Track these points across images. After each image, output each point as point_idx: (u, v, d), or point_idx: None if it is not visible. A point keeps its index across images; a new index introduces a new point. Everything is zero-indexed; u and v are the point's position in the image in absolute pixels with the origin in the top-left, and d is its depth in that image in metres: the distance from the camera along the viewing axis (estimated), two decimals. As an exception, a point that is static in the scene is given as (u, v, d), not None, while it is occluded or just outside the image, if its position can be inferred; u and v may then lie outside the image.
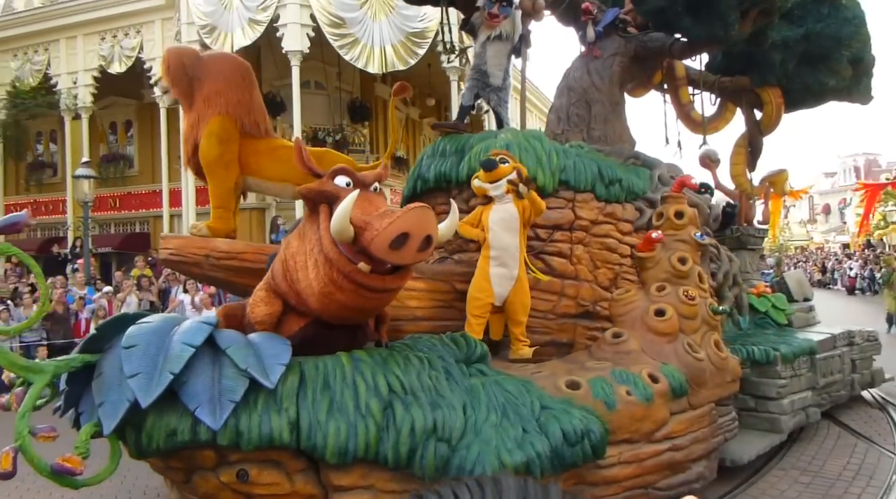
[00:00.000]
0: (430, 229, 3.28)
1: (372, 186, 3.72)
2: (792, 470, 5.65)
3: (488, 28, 6.19)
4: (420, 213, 3.25)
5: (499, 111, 6.53)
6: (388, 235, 3.18)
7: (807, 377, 6.59)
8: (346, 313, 3.68)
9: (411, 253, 3.29)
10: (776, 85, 8.80)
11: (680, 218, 5.17)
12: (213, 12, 16.25)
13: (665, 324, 4.74)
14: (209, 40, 16.28)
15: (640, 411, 4.21)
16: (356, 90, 19.37)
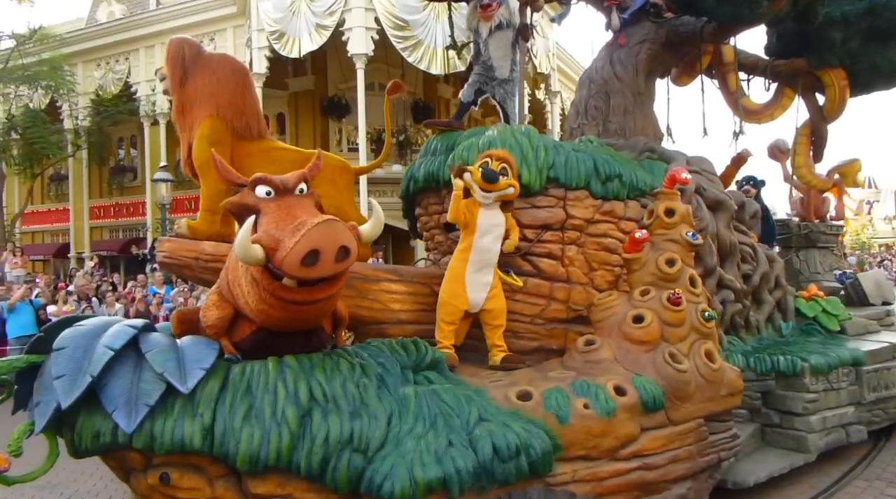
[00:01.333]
0: (340, 241, 3.18)
1: (297, 189, 3.63)
2: (877, 481, 5.11)
3: (486, 21, 5.97)
4: (324, 228, 3.15)
5: (504, 106, 6.29)
6: (295, 256, 3.10)
7: (848, 392, 5.90)
8: (285, 325, 3.64)
9: (328, 266, 3.19)
10: (838, 66, 7.97)
11: (670, 216, 4.73)
12: (281, 18, 16.83)
13: (642, 331, 4.36)
14: (278, 46, 16.89)
15: (597, 426, 3.88)
16: (419, 91, 19.58)
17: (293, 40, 16.80)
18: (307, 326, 3.67)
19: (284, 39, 16.86)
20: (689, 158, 6.59)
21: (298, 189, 3.65)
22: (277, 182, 3.60)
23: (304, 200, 3.60)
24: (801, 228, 9.78)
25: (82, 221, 20.17)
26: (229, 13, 18.68)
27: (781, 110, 8.58)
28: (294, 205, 3.49)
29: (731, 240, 6.23)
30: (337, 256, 3.15)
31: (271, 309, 3.43)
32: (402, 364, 4.04)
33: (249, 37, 17.72)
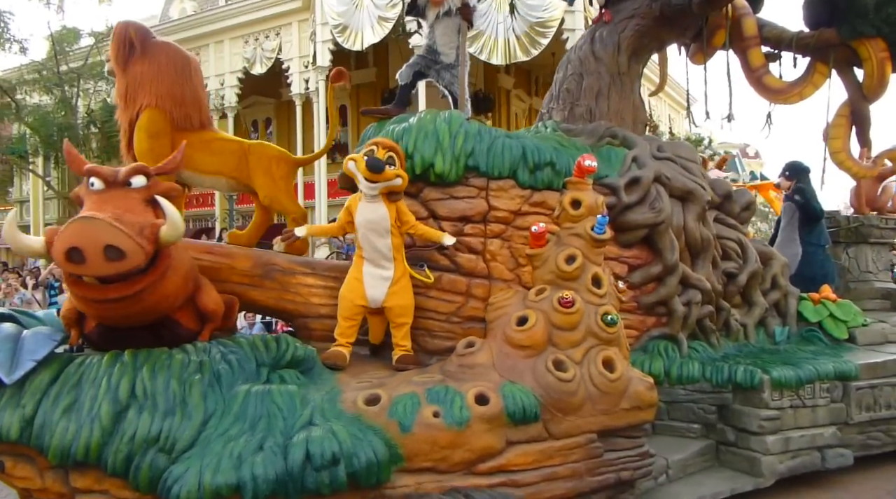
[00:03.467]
0: (103, 239, 3.09)
1: (130, 182, 3.57)
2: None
3: (435, 6, 5.68)
4: (78, 225, 3.10)
5: (452, 90, 5.97)
6: (57, 252, 3.10)
7: (829, 410, 5.15)
8: (105, 320, 3.62)
9: (97, 265, 3.12)
10: (876, 36, 6.97)
11: (576, 208, 4.27)
12: (345, 12, 17.04)
13: (523, 335, 3.97)
14: (341, 39, 17.13)
15: (445, 437, 3.57)
16: (479, 82, 19.28)
17: (356, 33, 17.00)
18: (131, 322, 3.59)
19: (347, 32, 17.09)
20: (662, 143, 5.98)
21: (134, 183, 3.59)
22: (108, 174, 3.56)
23: (131, 195, 3.53)
24: (851, 222, 8.70)
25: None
26: (294, 7, 19.12)
27: (812, 89, 7.59)
28: (110, 199, 3.43)
29: (704, 234, 5.59)
30: (106, 254, 3.06)
31: (78, 305, 3.41)
32: (260, 362, 3.91)
33: (313, 31, 18.10)
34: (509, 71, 18.74)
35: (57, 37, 21.61)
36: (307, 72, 18.92)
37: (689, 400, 5.13)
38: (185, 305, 3.91)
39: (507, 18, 15.93)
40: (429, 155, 4.83)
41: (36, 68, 21.94)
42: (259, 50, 19.83)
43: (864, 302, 8.44)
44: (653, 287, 5.46)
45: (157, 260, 3.42)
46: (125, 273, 3.22)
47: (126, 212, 3.34)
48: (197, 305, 3.97)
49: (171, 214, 3.34)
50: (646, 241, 5.46)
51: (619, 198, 5.27)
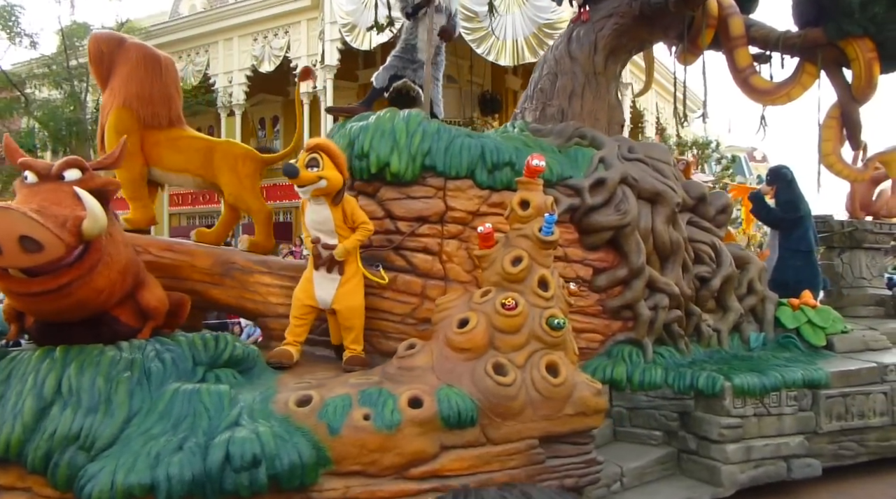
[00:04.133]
0: (17, 230, 3.04)
1: (62, 175, 3.55)
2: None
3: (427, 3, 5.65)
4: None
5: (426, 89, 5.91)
6: None
7: (796, 418, 4.99)
8: (36, 315, 3.60)
9: (13, 256, 3.08)
10: (863, 35, 6.77)
11: (525, 208, 4.16)
12: (354, 11, 17.07)
13: (463, 337, 3.87)
14: (349, 38, 17.17)
15: (374, 440, 3.49)
16: (487, 83, 19.22)
17: (364, 32, 17.01)
18: (64, 317, 3.56)
19: (356, 32, 17.11)
20: (634, 144, 5.86)
21: (68, 176, 3.57)
22: (41, 167, 3.54)
23: (62, 188, 3.50)
24: (845, 226, 8.51)
25: (162, 208, 21.54)
26: (304, 6, 19.15)
27: (801, 90, 7.39)
28: (40, 192, 3.41)
29: (674, 237, 5.46)
30: (23, 245, 3.03)
31: (8, 298, 3.39)
32: (197, 360, 3.87)
33: (322, 29, 18.15)
34: (517, 72, 18.67)
35: (67, 31, 21.80)
36: (316, 70, 18.98)
37: (651, 406, 5.01)
38: (125, 302, 3.88)
39: (516, 20, 15.91)
40: (384, 154, 4.77)
41: (46, 63, 22.14)
42: (268, 48, 19.89)
43: (858, 309, 8.27)
44: (619, 291, 5.35)
45: (85, 253, 3.38)
46: (46, 266, 3.19)
47: (52, 204, 3.31)
48: (138, 301, 3.94)
49: (92, 207, 3.30)
50: (612, 243, 5.35)
51: (584, 199, 5.17)
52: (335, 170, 4.26)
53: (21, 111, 22.37)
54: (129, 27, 19.91)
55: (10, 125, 23.10)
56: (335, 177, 4.17)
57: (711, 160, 21.74)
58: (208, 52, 20.69)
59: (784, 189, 7.70)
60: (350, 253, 4.39)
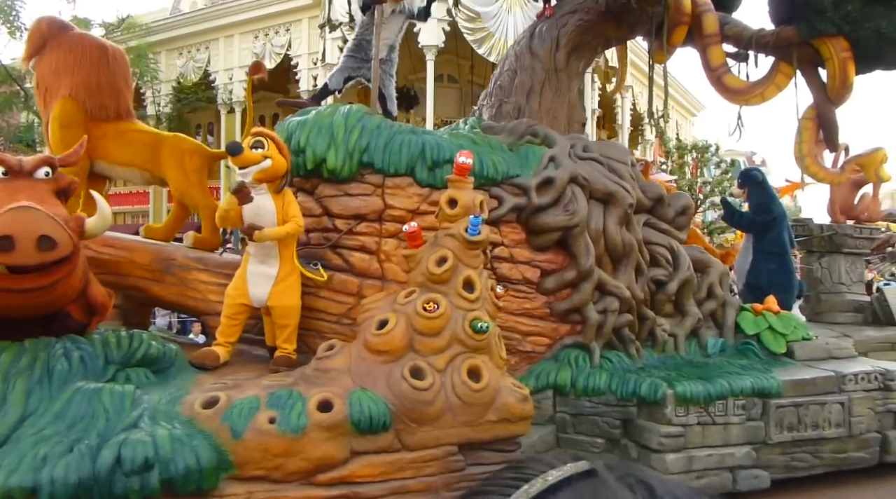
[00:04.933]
0: (39, 229, 3.12)
1: (35, 172, 3.51)
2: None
3: (394, 2, 5.55)
4: (16, 214, 3.09)
5: (381, 86, 5.81)
6: None
7: (744, 428, 4.83)
8: (13, 311, 3.54)
9: (27, 254, 3.14)
10: (837, 34, 6.59)
11: (453, 207, 4.04)
12: (354, 9, 17.03)
13: (380, 339, 3.75)
14: (351, 36, 17.11)
15: (278, 445, 3.38)
16: (488, 83, 19.04)
17: None
18: (33, 312, 3.52)
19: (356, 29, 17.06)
20: (591, 142, 5.71)
21: (40, 173, 3.54)
22: (13, 163, 3.52)
23: (38, 185, 3.51)
24: (825, 230, 8.31)
25: (161, 204, 21.56)
26: (305, 4, 19.07)
27: (775, 90, 7.21)
28: (21, 189, 3.41)
29: (626, 239, 5.31)
30: (39, 245, 3.05)
31: None
32: (109, 359, 3.77)
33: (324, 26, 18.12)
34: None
35: None
36: (316, 68, 18.91)
37: (594, 413, 4.87)
38: (77, 298, 3.85)
39: (517, 20, 15.84)
40: (321, 150, 4.66)
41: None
42: (268, 45, 19.82)
43: (836, 315, 8.09)
44: (567, 293, 5.21)
45: (73, 252, 3.41)
46: (48, 263, 3.21)
47: (42, 203, 3.32)
48: (87, 297, 3.90)
49: (103, 208, 3.35)
50: (561, 244, 5.21)
51: (530, 199, 5.03)
52: (280, 155, 4.21)
53: (20, 106, 22.43)
54: (129, 23, 19.92)
55: (10, 120, 23.18)
56: (280, 160, 4.12)
57: (711, 164, 21.49)
58: (209, 48, 20.65)
59: (755, 191, 7.55)
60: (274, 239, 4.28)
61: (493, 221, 5.01)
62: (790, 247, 7.64)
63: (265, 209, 4.24)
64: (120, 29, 19.89)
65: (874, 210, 8.28)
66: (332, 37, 17.64)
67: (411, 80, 19.50)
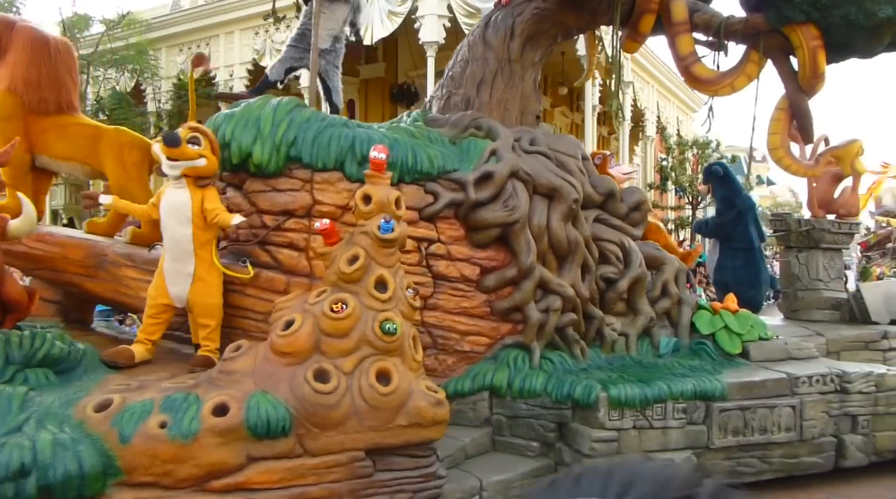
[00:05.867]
0: None
1: None
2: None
3: None
4: None
5: (325, 78, 5.69)
6: None
7: (684, 432, 4.66)
8: None
9: None
10: (806, 22, 6.34)
11: (367, 203, 3.89)
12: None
13: (284, 340, 3.62)
14: None
15: (167, 450, 3.27)
16: None
17: (366, 27, 16.86)
18: None
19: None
20: (539, 135, 5.53)
21: None
22: None
23: None
24: (802, 225, 8.08)
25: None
26: None
27: (745, 80, 6.95)
28: None
29: (571, 236, 5.14)
30: None
31: None
32: (10, 359, 3.68)
33: None
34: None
35: (68, 23, 21.92)
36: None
37: (530, 415, 4.71)
38: None
39: None
40: (246, 144, 4.53)
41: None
42: (269, 42, 19.67)
43: (812, 312, 7.88)
44: (509, 291, 5.05)
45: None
46: None
47: None
48: (2, 295, 3.82)
49: (28, 209, 3.26)
50: (502, 241, 5.05)
51: (468, 194, 4.87)
52: (213, 155, 4.16)
53: (21, 102, 22.57)
54: (129, 19, 19.90)
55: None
56: (213, 160, 4.08)
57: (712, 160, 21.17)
58: (209, 45, 20.54)
59: (718, 186, 7.35)
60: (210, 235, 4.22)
61: (429, 217, 4.87)
62: (759, 241, 7.43)
63: (183, 201, 4.13)
64: (120, 25, 19.89)
65: (853, 204, 8.01)
66: None
67: (412, 77, 19.36)
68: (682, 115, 24.13)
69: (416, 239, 4.81)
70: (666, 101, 22.02)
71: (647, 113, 20.97)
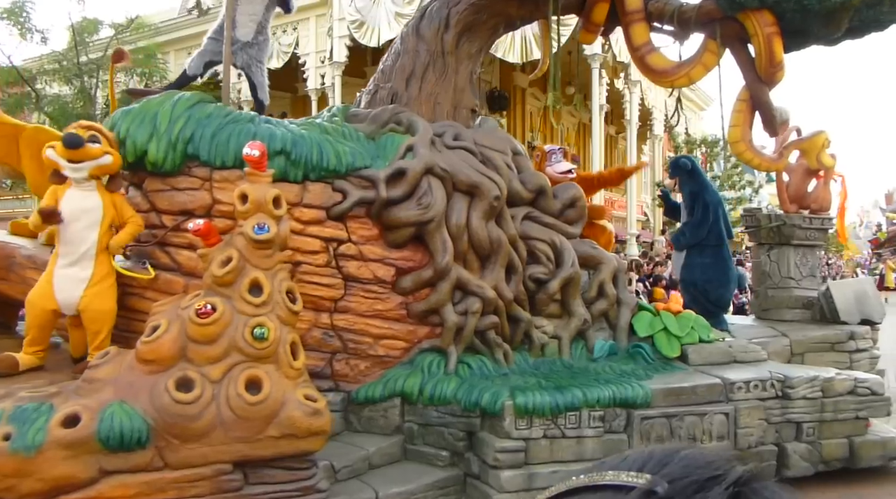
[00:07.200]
0: None
1: None
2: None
3: None
4: None
5: (249, 73, 5.52)
6: None
7: (601, 442, 4.41)
8: None
9: None
10: (761, 8, 6.03)
11: (244, 203, 3.71)
12: (362, 7, 16.92)
13: (147, 347, 3.45)
14: (358, 34, 17.06)
15: (7, 464, 3.11)
16: (495, 79, 18.88)
17: (372, 29, 16.90)
18: None
19: (364, 28, 17.00)
20: (463, 131, 5.29)
21: None
22: None
23: None
24: (773, 220, 7.74)
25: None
26: (312, 3, 18.81)
27: (702, 70, 6.64)
28: None
29: (493, 235, 4.91)
30: None
31: None
32: None
33: (331, 26, 18.02)
34: (525, 69, 18.15)
35: (77, 27, 22.06)
36: (323, 67, 18.83)
37: (440, 423, 4.50)
38: None
39: None
40: (141, 141, 4.37)
41: (56, 58, 22.43)
42: (276, 44, 19.64)
43: (783, 311, 7.57)
44: (426, 293, 4.84)
45: None
46: None
47: None
48: None
49: None
50: (420, 241, 4.84)
51: (379, 192, 4.67)
52: (115, 152, 4.10)
53: (32, 107, 22.71)
54: (138, 23, 19.99)
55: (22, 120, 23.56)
56: (117, 157, 3.96)
57: (720, 158, 20.73)
58: (217, 47, 20.63)
59: (686, 181, 7.06)
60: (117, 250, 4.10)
61: (338, 216, 4.68)
62: (727, 237, 7.12)
63: (94, 205, 4.01)
64: (129, 29, 19.99)
65: (825, 199, 7.64)
66: (338, 35, 17.54)
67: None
68: (691, 113, 23.73)
69: (323, 239, 4.62)
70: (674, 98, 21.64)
71: (655, 112, 20.62)
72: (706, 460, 0.56)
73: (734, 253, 9.37)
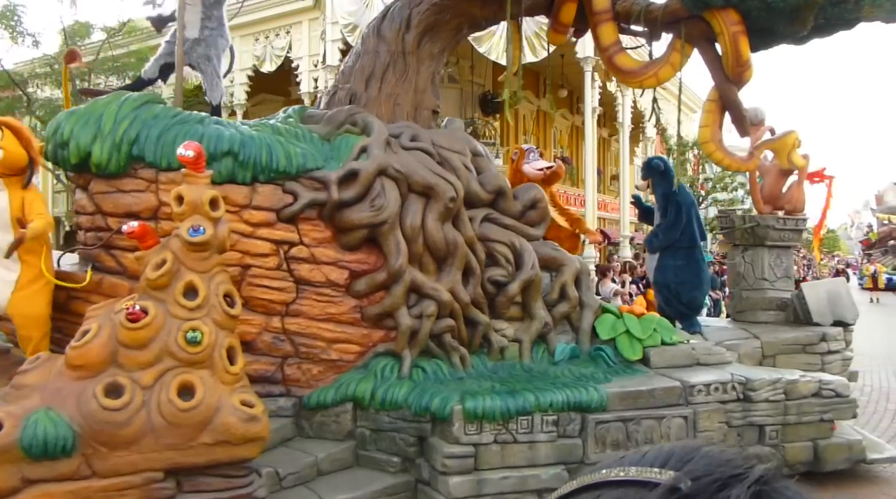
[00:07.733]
0: None
1: None
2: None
3: None
4: None
5: (199, 71, 5.47)
6: None
7: (555, 447, 4.33)
8: None
9: None
10: (725, 6, 5.98)
11: (181, 204, 3.63)
12: (355, 11, 16.80)
13: (75, 352, 3.37)
14: (351, 38, 16.93)
15: (-75, 473, 3.04)
16: (488, 83, 18.85)
17: None
18: None
19: (357, 32, 16.86)
20: (421, 131, 5.22)
21: None
22: None
23: None
24: (747, 221, 7.67)
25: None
26: (305, 6, 18.80)
27: (670, 70, 6.57)
28: None
29: (449, 236, 4.84)
30: None
31: None
32: None
33: (324, 30, 17.95)
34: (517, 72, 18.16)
35: (69, 31, 22.00)
36: (316, 71, 18.74)
37: (392, 429, 4.42)
38: None
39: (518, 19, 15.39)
40: (85, 142, 4.30)
41: (48, 62, 22.39)
42: (269, 48, 19.61)
43: (758, 313, 7.50)
44: (381, 297, 4.76)
45: None
46: None
47: None
48: None
49: None
50: (374, 243, 4.76)
51: (330, 194, 4.59)
52: (18, 146, 3.96)
53: (23, 110, 22.60)
54: (130, 27, 19.91)
55: (14, 125, 23.51)
56: (17, 152, 3.89)
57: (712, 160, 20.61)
58: (210, 51, 20.58)
59: (659, 182, 6.99)
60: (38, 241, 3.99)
61: (289, 218, 4.60)
62: (699, 239, 7.05)
63: (1, 207, 3.92)
64: (121, 33, 19.90)
65: (798, 199, 7.57)
66: (331, 39, 17.48)
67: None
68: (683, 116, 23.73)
69: (274, 242, 4.55)
70: (665, 101, 21.67)
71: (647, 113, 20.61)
72: (726, 457, 0.56)
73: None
